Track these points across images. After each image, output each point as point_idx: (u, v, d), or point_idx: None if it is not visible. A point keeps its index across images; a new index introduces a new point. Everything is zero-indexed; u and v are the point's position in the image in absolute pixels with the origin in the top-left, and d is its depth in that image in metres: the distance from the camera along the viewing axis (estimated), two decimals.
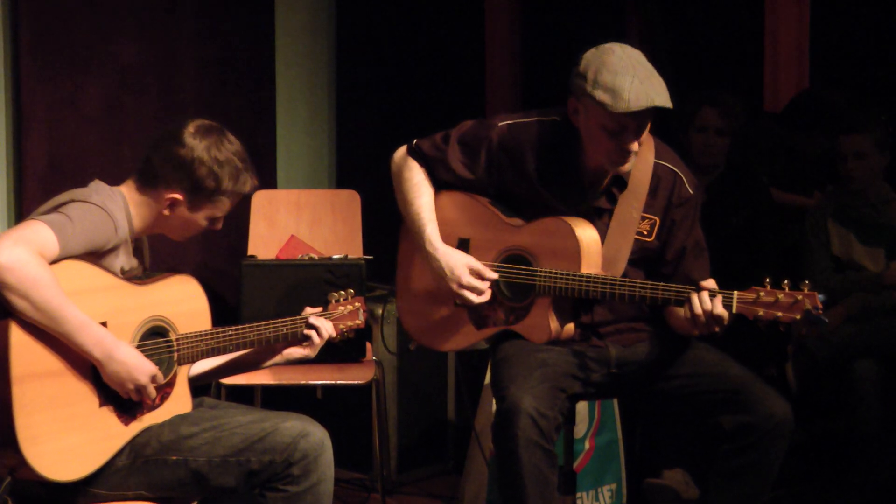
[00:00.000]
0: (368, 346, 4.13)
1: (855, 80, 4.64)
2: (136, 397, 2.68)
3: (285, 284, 4.00)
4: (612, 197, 3.14)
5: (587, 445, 3.95)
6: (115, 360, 2.61)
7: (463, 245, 3.23)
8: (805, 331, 2.81)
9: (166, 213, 2.83)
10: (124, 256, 2.80)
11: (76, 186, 2.79)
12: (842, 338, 3.97)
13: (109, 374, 2.63)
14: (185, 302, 2.84)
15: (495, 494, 3.86)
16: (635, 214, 3.12)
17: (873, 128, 4.11)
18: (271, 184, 5.12)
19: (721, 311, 2.87)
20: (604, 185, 3.14)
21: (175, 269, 3.00)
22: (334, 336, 3.03)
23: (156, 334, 2.77)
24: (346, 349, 3.61)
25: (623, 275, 3.11)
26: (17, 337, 2.53)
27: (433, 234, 3.20)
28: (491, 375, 3.18)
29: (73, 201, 2.70)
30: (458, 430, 4.53)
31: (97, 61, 4.63)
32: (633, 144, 3.00)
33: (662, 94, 2.94)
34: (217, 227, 2.92)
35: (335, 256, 4.18)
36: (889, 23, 4.55)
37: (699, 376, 3.11)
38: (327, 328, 3.00)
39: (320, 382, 3.96)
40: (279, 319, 2.95)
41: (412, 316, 3.35)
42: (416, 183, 3.25)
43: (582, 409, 3.88)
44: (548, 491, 2.96)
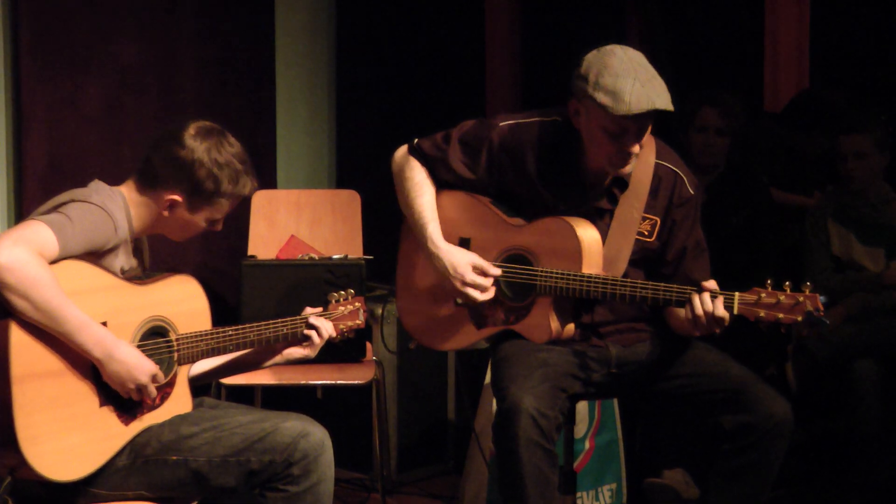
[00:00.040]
0: (368, 346, 4.13)
1: (855, 80, 4.64)
2: (137, 397, 2.68)
3: (285, 284, 3.99)
4: (613, 197, 3.14)
5: (587, 445, 3.95)
6: (115, 360, 2.61)
7: (464, 244, 3.23)
8: (806, 332, 2.81)
9: (165, 214, 2.83)
10: (124, 256, 2.80)
11: (76, 186, 2.79)
12: (842, 338, 3.96)
13: (110, 374, 2.62)
14: (185, 302, 2.84)
15: (495, 494, 3.86)
16: (636, 215, 3.12)
17: (873, 128, 4.11)
18: (271, 184, 5.12)
19: (722, 313, 2.87)
20: (605, 185, 3.14)
21: (175, 269, 3.00)
22: (334, 336, 3.03)
23: (156, 334, 2.77)
24: (346, 349, 3.61)
25: (624, 275, 3.11)
26: (17, 337, 2.53)
27: (435, 233, 3.20)
28: (491, 375, 3.18)
29: (73, 201, 2.69)
30: (458, 430, 4.52)
31: (97, 61, 4.63)
32: (633, 147, 3.00)
33: (663, 96, 2.94)
34: (217, 228, 2.92)
35: (335, 256, 4.17)
36: (889, 23, 4.55)
37: (699, 376, 3.11)
38: (327, 328, 3.00)
39: (320, 382, 3.95)
40: (279, 319, 2.94)
41: (412, 315, 3.35)
42: (418, 182, 3.25)
43: (582, 409, 3.88)
44: (548, 491, 2.95)
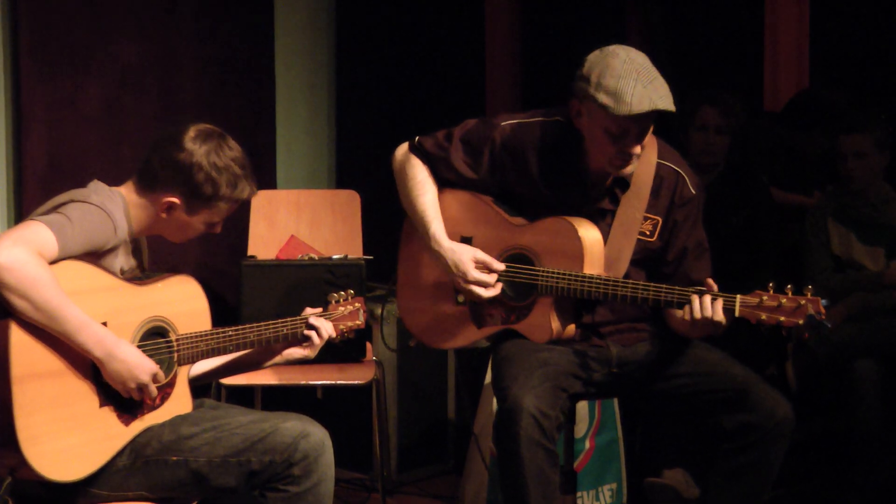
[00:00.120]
0: (368, 346, 4.13)
1: (855, 80, 4.63)
2: (138, 396, 2.68)
3: (285, 284, 3.99)
4: (614, 197, 3.14)
5: (587, 445, 3.95)
6: (116, 359, 2.61)
7: (465, 243, 3.22)
8: (808, 335, 2.81)
9: (163, 216, 2.83)
10: (123, 257, 2.80)
11: (76, 186, 2.79)
12: (842, 337, 3.96)
13: (110, 373, 2.62)
14: (184, 302, 2.84)
15: (495, 494, 3.86)
16: (638, 215, 3.12)
17: (873, 127, 4.11)
18: (271, 184, 5.11)
19: (720, 318, 2.87)
20: (606, 185, 3.14)
21: (175, 269, 3.00)
22: (334, 336, 3.03)
23: (156, 334, 2.77)
24: (347, 349, 3.61)
25: (625, 275, 3.11)
26: (17, 337, 2.53)
27: (438, 232, 3.20)
28: (492, 375, 3.18)
29: (73, 202, 2.69)
30: (458, 430, 4.52)
31: (97, 61, 4.63)
32: (635, 148, 3.00)
33: (665, 97, 2.94)
34: (215, 231, 2.92)
35: (335, 256, 4.17)
36: (889, 23, 4.55)
37: (700, 376, 3.11)
38: (327, 329, 3.00)
39: (320, 382, 3.95)
40: (279, 320, 2.94)
41: (413, 314, 3.35)
42: (420, 180, 3.24)
43: (582, 409, 3.87)
44: (549, 490, 2.95)
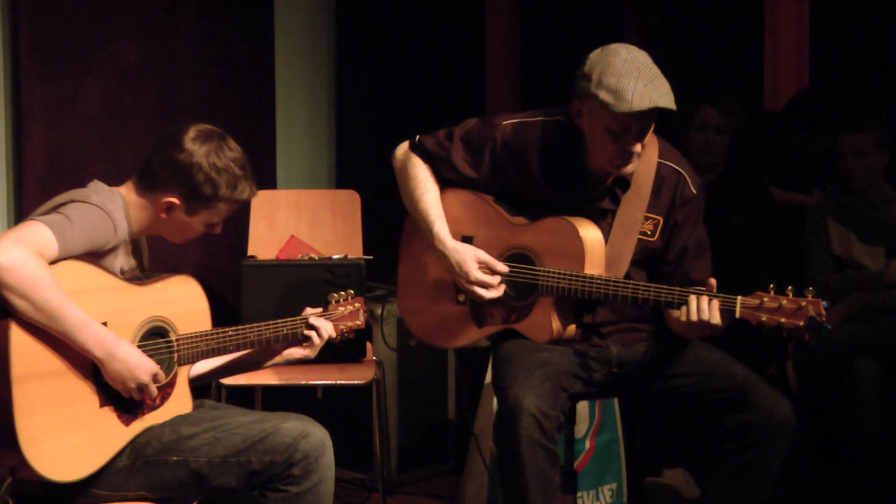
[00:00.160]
0: (368, 346, 4.13)
1: (855, 80, 4.63)
2: (138, 396, 2.68)
3: (285, 284, 3.99)
4: (615, 197, 3.14)
5: (588, 445, 3.95)
6: (116, 359, 2.61)
7: (466, 243, 3.22)
8: (808, 337, 2.81)
9: (163, 216, 2.83)
10: (123, 257, 2.80)
11: (76, 186, 2.79)
12: (842, 337, 3.96)
13: (111, 373, 2.62)
14: (185, 302, 2.84)
15: (495, 494, 3.86)
16: (638, 215, 3.12)
17: (873, 127, 4.11)
18: (271, 184, 5.11)
19: (717, 321, 2.87)
20: (607, 185, 3.14)
21: (175, 269, 2.99)
22: (334, 336, 3.03)
23: (156, 335, 2.77)
24: (347, 349, 3.61)
25: (626, 275, 3.11)
26: (18, 337, 2.52)
27: (442, 231, 3.20)
28: (492, 375, 3.18)
29: (73, 202, 2.69)
30: (459, 429, 4.52)
31: (97, 61, 4.63)
32: (635, 146, 2.99)
33: (666, 95, 2.94)
34: (215, 231, 2.92)
35: (335, 256, 4.17)
36: (889, 23, 4.54)
37: (700, 375, 3.11)
38: (327, 329, 3.00)
39: (321, 382, 3.95)
40: (279, 320, 2.94)
41: (414, 313, 3.35)
42: (422, 180, 3.24)
43: (582, 409, 3.87)
44: (550, 490, 2.95)
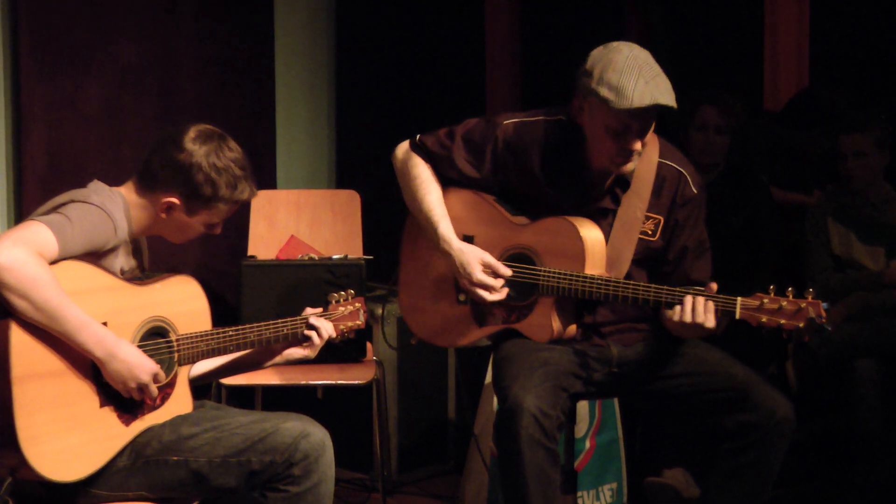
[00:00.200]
0: (369, 346, 4.13)
1: (855, 80, 4.63)
2: (138, 396, 2.68)
3: (285, 284, 3.99)
4: (615, 197, 3.14)
5: (588, 445, 3.95)
6: (116, 359, 2.61)
7: (467, 242, 3.21)
8: (808, 339, 2.81)
9: (163, 216, 2.83)
10: (124, 257, 2.80)
11: (76, 186, 2.79)
12: (842, 337, 3.96)
13: (111, 373, 2.62)
14: (185, 302, 2.84)
15: (496, 494, 3.86)
16: (639, 214, 3.12)
17: (873, 127, 4.10)
18: (271, 184, 5.12)
19: (711, 324, 2.88)
20: (607, 185, 3.14)
21: (175, 269, 2.99)
22: (334, 336, 3.03)
23: (156, 335, 2.77)
24: (347, 349, 3.61)
25: (627, 275, 3.11)
26: (18, 337, 2.52)
27: (447, 231, 3.19)
28: (493, 374, 3.17)
29: (73, 202, 2.69)
30: (459, 429, 4.52)
31: (97, 61, 4.63)
32: (635, 144, 2.99)
33: (667, 93, 2.94)
34: (215, 232, 2.92)
35: (335, 256, 4.17)
36: (889, 23, 4.54)
37: (700, 375, 3.11)
38: (327, 329, 3.00)
39: (321, 382, 3.95)
40: (279, 320, 2.94)
41: (414, 312, 3.34)
42: (424, 179, 3.24)
43: (582, 409, 3.87)
44: (550, 490, 2.95)
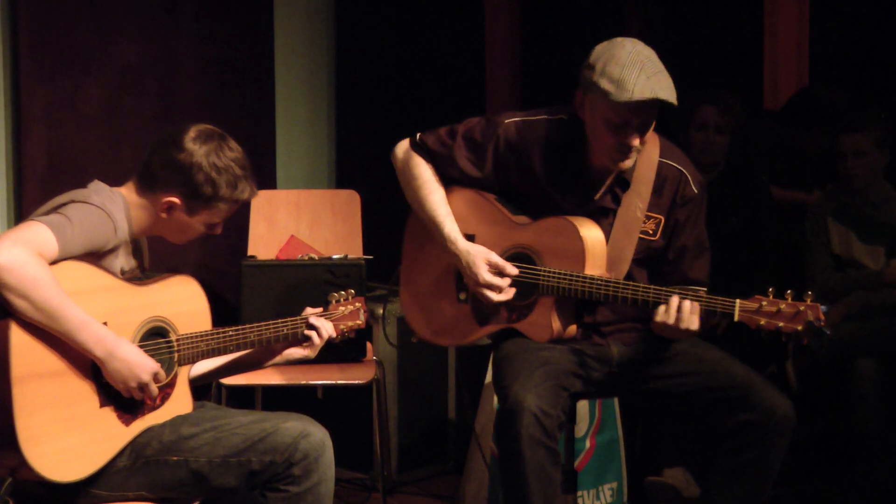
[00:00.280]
0: (369, 345, 4.13)
1: (855, 79, 4.64)
2: (139, 395, 2.68)
3: (285, 284, 3.99)
4: (616, 197, 3.14)
5: (588, 444, 3.95)
6: (116, 358, 2.61)
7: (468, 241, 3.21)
8: (807, 341, 2.82)
9: (163, 216, 2.83)
10: (124, 257, 2.80)
11: (76, 187, 2.79)
12: (842, 336, 3.95)
13: (111, 373, 2.62)
14: (185, 302, 2.84)
15: (496, 494, 3.86)
16: (639, 214, 3.12)
17: (873, 126, 4.10)
18: (271, 184, 5.12)
19: (695, 328, 2.89)
20: (607, 184, 3.14)
21: (175, 269, 3.00)
22: (335, 336, 3.03)
23: (156, 335, 2.76)
24: (347, 349, 3.61)
25: (627, 274, 3.11)
26: (18, 337, 2.52)
27: (452, 232, 3.19)
28: (493, 374, 3.17)
29: (73, 202, 2.69)
30: (459, 429, 4.52)
31: (97, 61, 4.63)
32: (633, 140, 2.99)
33: (668, 89, 2.94)
34: (215, 232, 2.92)
35: (335, 256, 4.17)
36: (889, 23, 4.55)
37: (700, 374, 3.11)
38: (328, 328, 3.00)
39: (321, 382, 3.95)
40: (279, 320, 2.94)
41: (415, 310, 3.34)
42: (427, 179, 3.24)
43: (582, 408, 3.87)
44: (551, 489, 2.95)
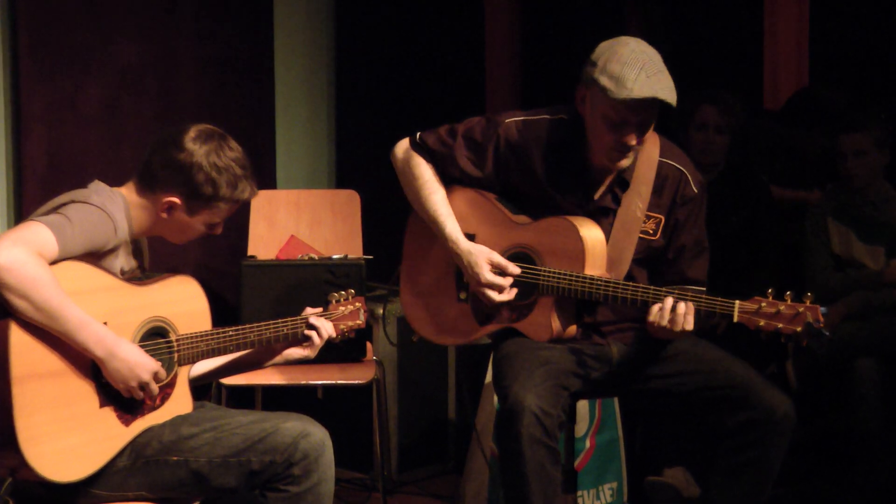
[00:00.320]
0: (369, 345, 4.13)
1: (855, 79, 4.64)
2: (139, 395, 2.68)
3: (285, 284, 3.99)
4: (616, 197, 3.14)
5: (588, 444, 3.95)
6: (116, 358, 2.61)
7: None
8: (806, 343, 2.82)
9: (164, 217, 2.83)
10: (124, 257, 2.80)
11: (76, 187, 2.79)
12: (842, 336, 3.95)
13: (111, 372, 2.62)
14: (185, 302, 2.84)
15: (496, 494, 3.86)
16: (639, 214, 3.12)
17: (873, 126, 4.10)
18: (271, 184, 5.12)
19: (689, 328, 2.90)
20: (607, 184, 3.14)
21: (175, 269, 3.00)
22: (334, 336, 3.03)
23: (156, 335, 2.76)
24: (347, 349, 3.61)
25: (628, 274, 3.11)
26: (17, 337, 2.52)
27: (454, 232, 3.19)
28: (493, 373, 3.17)
29: (73, 202, 2.69)
30: (459, 429, 4.52)
31: (97, 61, 4.63)
32: (630, 138, 2.99)
33: (667, 89, 2.94)
34: (216, 232, 2.92)
35: (335, 256, 4.17)
36: (889, 23, 4.55)
37: (700, 374, 3.11)
38: (327, 328, 3.00)
39: (321, 382, 3.95)
40: (279, 320, 2.94)
41: (415, 309, 3.35)
42: (428, 179, 3.24)
43: (582, 408, 3.87)
44: (551, 489, 2.95)
